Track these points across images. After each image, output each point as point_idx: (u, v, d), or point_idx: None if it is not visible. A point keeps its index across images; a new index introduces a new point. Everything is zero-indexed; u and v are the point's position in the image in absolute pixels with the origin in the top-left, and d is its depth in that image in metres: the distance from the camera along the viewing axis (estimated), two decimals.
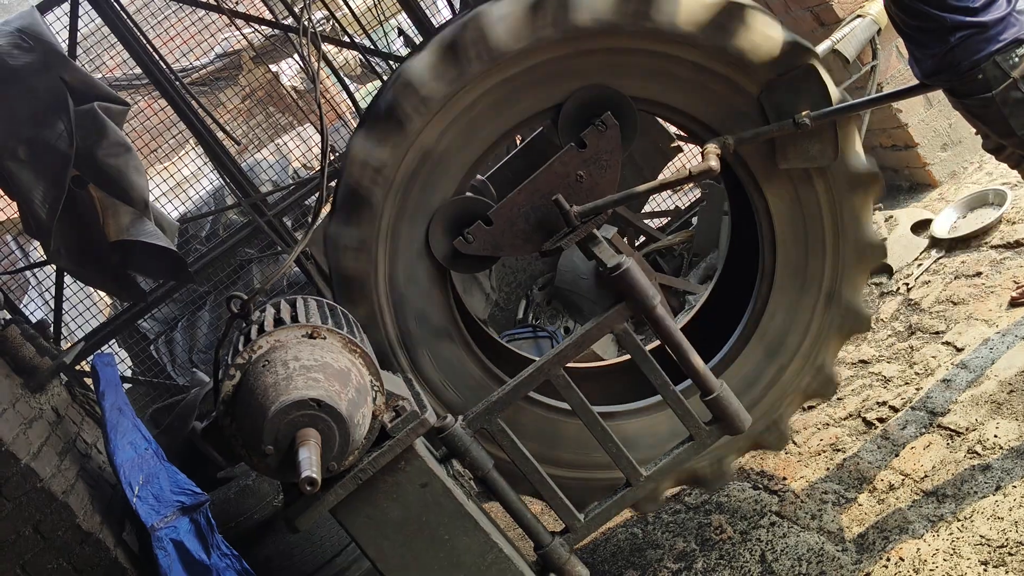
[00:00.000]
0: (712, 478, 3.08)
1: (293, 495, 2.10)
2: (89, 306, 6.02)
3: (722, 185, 4.17)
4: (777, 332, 3.02)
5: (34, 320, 4.81)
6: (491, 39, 2.61)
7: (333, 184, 2.96)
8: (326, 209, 3.00)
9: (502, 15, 2.62)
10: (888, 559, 2.65)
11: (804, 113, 2.62)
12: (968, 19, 2.55)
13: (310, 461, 1.74)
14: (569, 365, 2.53)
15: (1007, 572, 2.37)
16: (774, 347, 3.02)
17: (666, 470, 2.54)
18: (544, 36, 2.62)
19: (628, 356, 2.93)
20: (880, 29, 4.35)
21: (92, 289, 5.85)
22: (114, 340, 5.89)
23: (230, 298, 2.17)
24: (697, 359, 2.48)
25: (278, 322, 2.07)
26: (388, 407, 2.10)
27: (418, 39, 5.73)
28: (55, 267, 5.17)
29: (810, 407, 3.58)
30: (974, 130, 2.98)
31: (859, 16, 4.32)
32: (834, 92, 2.69)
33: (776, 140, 2.73)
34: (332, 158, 6.22)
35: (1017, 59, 2.56)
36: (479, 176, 3.08)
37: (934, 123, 4.66)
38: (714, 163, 2.58)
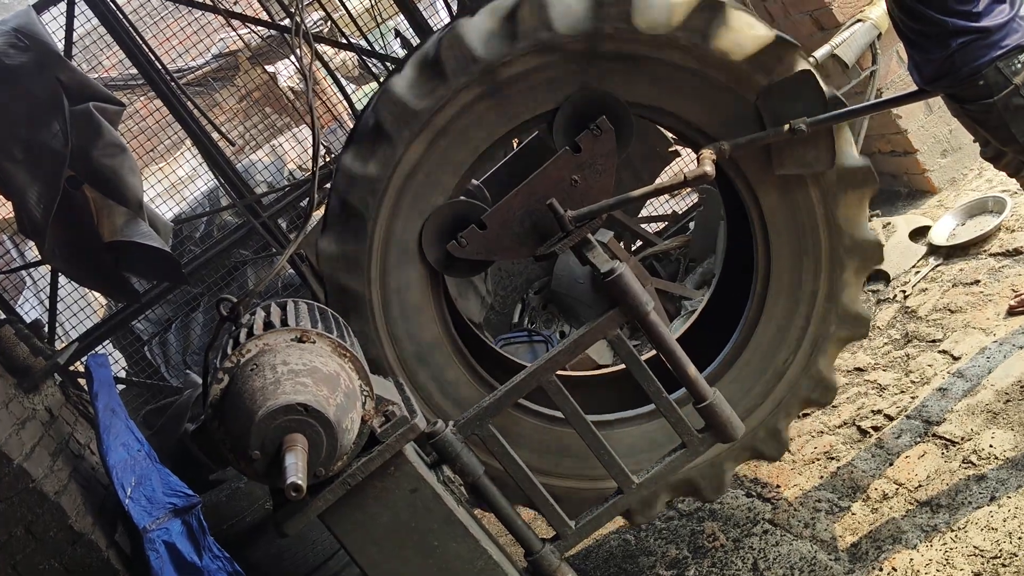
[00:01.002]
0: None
1: (281, 500, 2.09)
2: (84, 306, 6.01)
3: (717, 190, 4.15)
4: (773, 339, 3.00)
5: (30, 320, 4.79)
6: (470, 51, 2.60)
7: (327, 186, 2.95)
8: (319, 212, 2.99)
9: (479, 28, 2.62)
10: (881, 569, 2.64)
11: (800, 119, 2.61)
12: (970, 24, 2.53)
13: (296, 467, 1.73)
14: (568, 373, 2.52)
15: None
16: (770, 354, 3.01)
17: (658, 478, 2.52)
18: (522, 46, 2.61)
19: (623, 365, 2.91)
20: (880, 34, 4.33)
21: (86, 289, 5.83)
22: (108, 341, 5.88)
23: (219, 301, 2.15)
24: (690, 366, 2.46)
25: (267, 325, 2.05)
26: (378, 412, 2.09)
27: (415, 41, 5.72)
28: (50, 267, 5.16)
29: (805, 415, 3.57)
30: (973, 138, 2.97)
31: (859, 20, 4.31)
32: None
33: (772, 146, 2.72)
34: (328, 159, 6.21)
35: (1019, 65, 2.54)
36: (474, 180, 3.07)
37: (934, 129, 4.65)
38: (709, 168, 2.57)
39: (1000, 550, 2.44)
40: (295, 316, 2.13)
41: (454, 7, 5.88)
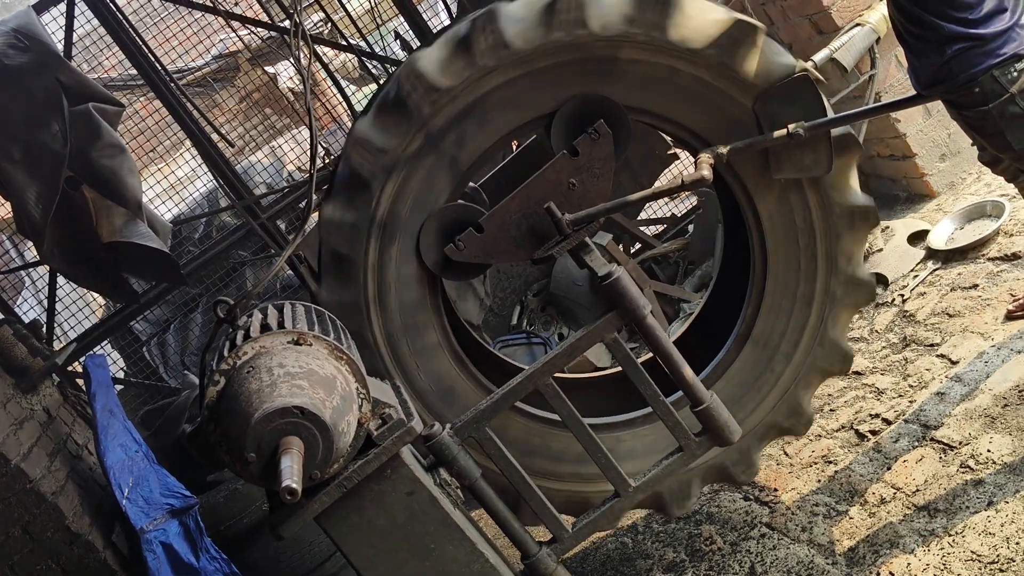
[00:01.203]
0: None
1: (277, 502, 2.09)
2: (82, 307, 6.01)
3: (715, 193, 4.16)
4: (769, 340, 3.00)
5: (28, 320, 4.79)
6: (504, 37, 2.62)
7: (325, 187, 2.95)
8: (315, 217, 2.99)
9: (516, 15, 2.63)
10: (878, 573, 2.64)
11: (798, 123, 2.61)
12: (967, 31, 2.53)
13: (291, 470, 1.73)
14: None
15: None
16: (768, 354, 3.01)
17: (655, 481, 2.53)
18: (555, 39, 2.62)
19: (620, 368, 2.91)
20: (879, 38, 4.33)
21: (85, 290, 5.83)
22: (106, 341, 5.87)
23: (217, 303, 2.16)
24: (687, 369, 2.46)
25: (264, 328, 2.06)
26: (374, 415, 2.09)
27: (415, 43, 5.72)
28: (48, 267, 5.16)
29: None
30: (971, 141, 2.97)
31: (858, 25, 4.30)
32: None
33: (770, 150, 2.72)
34: (327, 161, 6.21)
35: (1016, 74, 2.53)
36: (471, 183, 3.07)
37: (933, 133, 4.65)
38: (707, 173, 2.57)
39: (998, 555, 2.44)
40: (292, 318, 2.13)
41: (454, 9, 5.89)
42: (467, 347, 3.07)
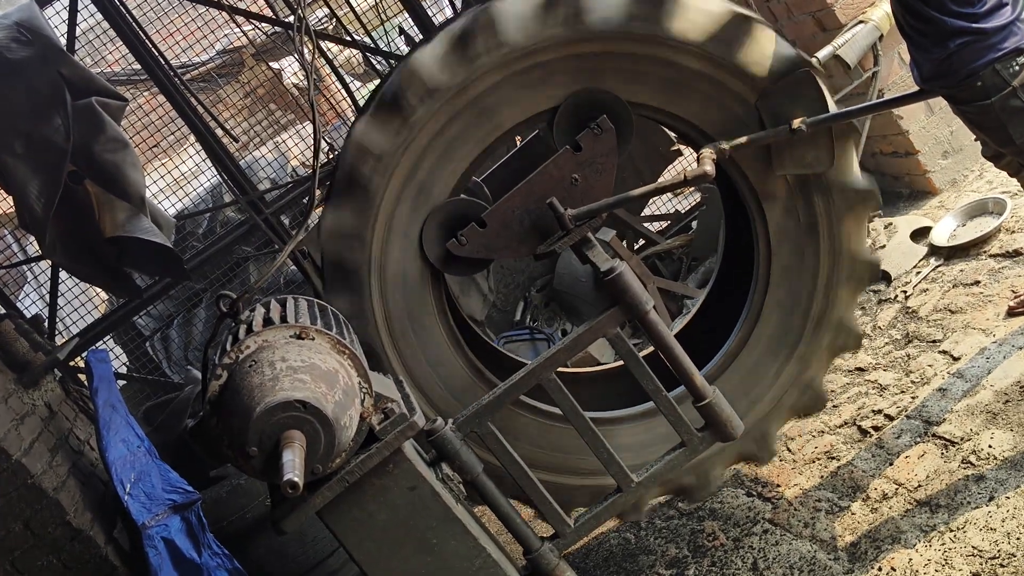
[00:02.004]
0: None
1: (279, 497, 2.09)
2: (84, 302, 6.01)
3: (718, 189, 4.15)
4: (774, 334, 3.00)
5: (30, 315, 4.79)
6: (501, 33, 2.61)
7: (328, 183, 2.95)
8: (319, 210, 2.99)
9: (514, 11, 2.62)
10: (880, 568, 2.64)
11: (800, 119, 2.61)
12: (969, 25, 2.53)
13: (293, 464, 1.73)
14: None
15: None
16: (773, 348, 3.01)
17: (657, 476, 2.52)
18: (554, 34, 2.61)
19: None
20: (882, 35, 4.32)
21: (88, 285, 5.83)
22: (109, 336, 5.88)
23: (219, 297, 2.16)
24: (690, 364, 2.46)
25: (267, 322, 2.05)
26: (377, 409, 2.09)
27: (419, 38, 5.72)
28: (51, 262, 5.16)
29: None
30: (974, 137, 2.96)
31: (861, 22, 4.30)
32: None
33: (772, 146, 2.72)
34: (331, 156, 6.21)
35: (1017, 68, 2.53)
36: (474, 178, 3.07)
37: (935, 130, 4.64)
38: (709, 168, 2.57)
39: (999, 550, 2.44)
40: (295, 313, 2.13)
41: (459, 5, 5.88)
42: (470, 343, 3.06)
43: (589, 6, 2.61)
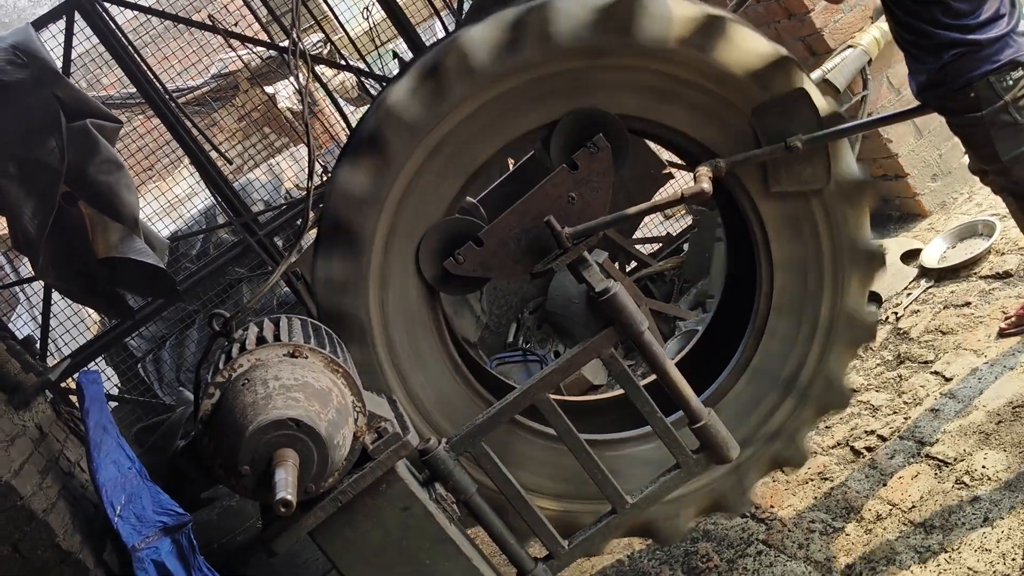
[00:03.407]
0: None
1: (271, 517, 2.07)
2: (77, 323, 5.99)
3: (716, 210, 4.16)
4: (775, 359, 2.98)
5: (22, 336, 4.77)
6: (472, 61, 2.61)
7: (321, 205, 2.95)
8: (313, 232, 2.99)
9: (482, 37, 2.62)
10: None
11: (796, 137, 2.62)
12: (963, 37, 2.55)
13: (286, 482, 1.72)
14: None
15: None
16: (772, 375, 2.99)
17: (652, 498, 2.52)
18: (526, 57, 2.61)
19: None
20: (871, 60, 4.38)
21: (80, 306, 5.81)
22: (101, 357, 5.85)
23: (212, 316, 2.15)
24: (685, 386, 2.46)
25: (260, 340, 2.05)
26: (370, 428, 2.08)
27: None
28: (43, 283, 5.15)
29: None
30: (964, 152, 2.96)
31: (850, 47, 4.36)
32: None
33: (768, 163, 2.73)
34: (324, 179, 6.23)
35: (1011, 82, 2.55)
36: (469, 198, 3.08)
37: (924, 153, 4.69)
38: (707, 186, 2.57)
39: (994, 571, 2.43)
40: (288, 331, 2.13)
41: (452, 29, 5.93)
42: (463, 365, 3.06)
43: (557, 24, 2.59)
